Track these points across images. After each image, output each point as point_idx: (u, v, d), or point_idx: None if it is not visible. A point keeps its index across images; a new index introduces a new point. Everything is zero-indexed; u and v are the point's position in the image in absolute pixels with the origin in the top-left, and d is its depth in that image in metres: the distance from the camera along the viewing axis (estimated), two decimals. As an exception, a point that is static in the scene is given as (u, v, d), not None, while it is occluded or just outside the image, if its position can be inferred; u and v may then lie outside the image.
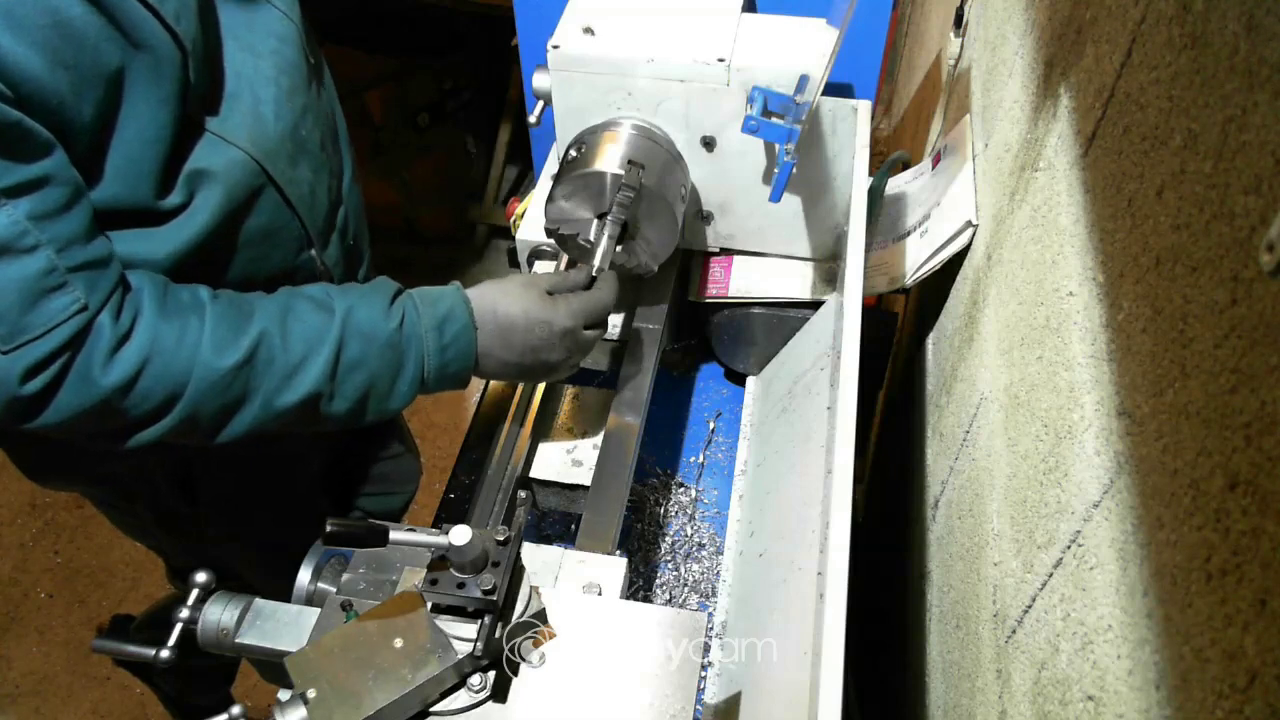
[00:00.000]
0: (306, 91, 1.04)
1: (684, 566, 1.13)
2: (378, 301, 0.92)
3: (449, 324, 0.93)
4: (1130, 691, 0.48)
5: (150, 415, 0.83)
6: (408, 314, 0.92)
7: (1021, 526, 0.70)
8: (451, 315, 0.93)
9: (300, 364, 0.87)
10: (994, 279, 0.89)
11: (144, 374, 0.80)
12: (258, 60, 0.96)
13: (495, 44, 2.85)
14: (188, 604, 0.80)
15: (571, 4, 1.12)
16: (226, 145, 0.91)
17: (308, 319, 0.88)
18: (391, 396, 0.93)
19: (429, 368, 0.93)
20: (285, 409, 0.88)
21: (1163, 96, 0.54)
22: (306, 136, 1.03)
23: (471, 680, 0.74)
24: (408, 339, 0.91)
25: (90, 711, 2.12)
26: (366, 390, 0.91)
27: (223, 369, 0.83)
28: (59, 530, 2.42)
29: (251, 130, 0.94)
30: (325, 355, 0.88)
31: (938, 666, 0.92)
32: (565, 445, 1.06)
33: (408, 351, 0.92)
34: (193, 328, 0.82)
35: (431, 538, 0.70)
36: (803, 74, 1.00)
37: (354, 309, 0.90)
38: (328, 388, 0.89)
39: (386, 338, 0.90)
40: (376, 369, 0.91)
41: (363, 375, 0.90)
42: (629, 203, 1.00)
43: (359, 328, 0.90)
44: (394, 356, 0.91)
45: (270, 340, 0.86)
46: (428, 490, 2.50)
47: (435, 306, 0.93)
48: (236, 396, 0.85)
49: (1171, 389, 0.47)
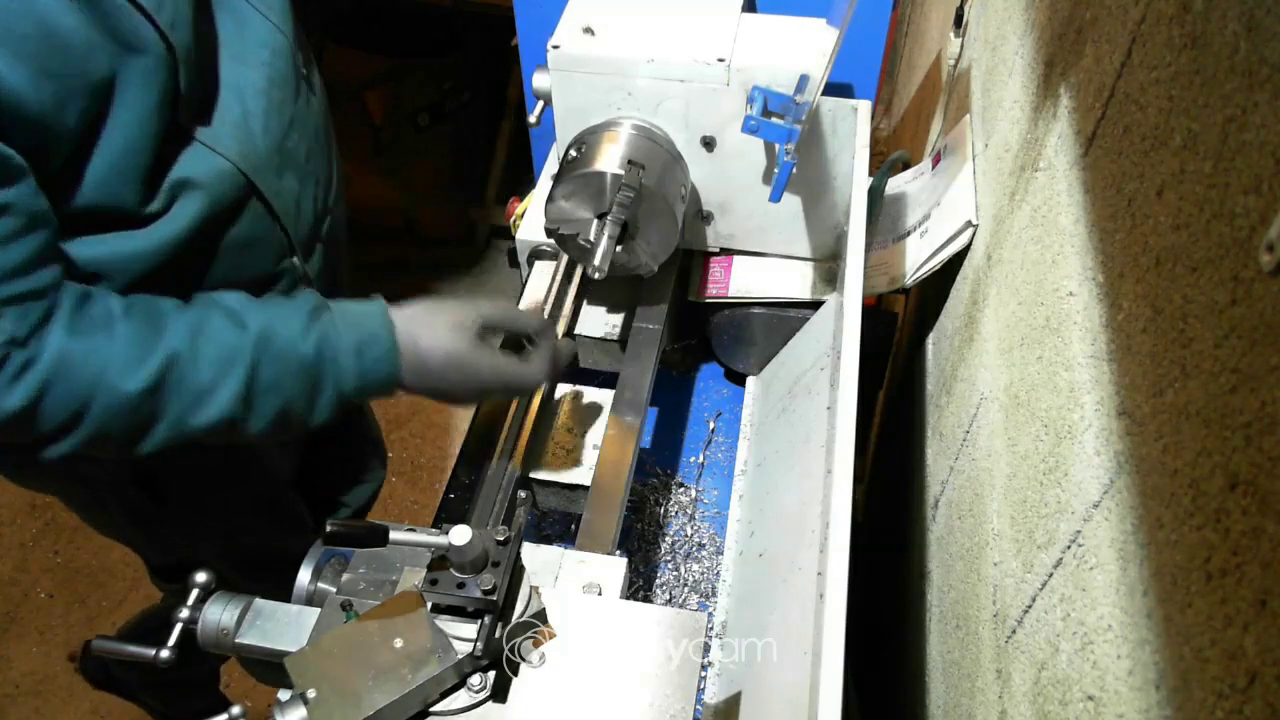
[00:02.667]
0: (295, 103, 1.03)
1: (684, 566, 1.13)
2: (295, 320, 0.88)
3: (370, 347, 0.89)
4: (1130, 691, 0.48)
5: (56, 432, 0.81)
6: (327, 335, 0.88)
7: (1021, 526, 0.70)
8: (373, 339, 0.90)
9: (211, 387, 0.84)
10: (994, 279, 0.89)
11: (47, 396, 0.78)
12: (249, 72, 0.96)
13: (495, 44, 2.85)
14: (188, 604, 0.80)
15: (571, 4, 1.12)
16: (214, 155, 0.90)
17: (221, 338, 0.85)
18: (311, 416, 0.90)
19: (348, 389, 0.90)
20: (198, 429, 0.85)
21: (1163, 96, 0.54)
22: (293, 148, 1.02)
23: (471, 680, 0.74)
24: (325, 362, 0.88)
25: (90, 712, 2.12)
26: (283, 411, 0.88)
27: (129, 393, 0.80)
28: (59, 530, 2.42)
29: (240, 142, 0.93)
30: (238, 378, 0.85)
31: (938, 666, 0.92)
32: (565, 445, 1.06)
33: (324, 375, 0.88)
34: (100, 349, 0.80)
35: (431, 538, 0.70)
36: (803, 74, 1.00)
37: (270, 328, 0.86)
38: (241, 411, 0.86)
39: (302, 362, 0.87)
40: (292, 393, 0.87)
41: (278, 398, 0.87)
42: (629, 203, 1.00)
43: (274, 350, 0.86)
44: (310, 380, 0.88)
45: (180, 362, 0.82)
46: (428, 490, 2.51)
47: (357, 328, 0.90)
48: (145, 418, 0.83)
49: (1171, 389, 0.47)
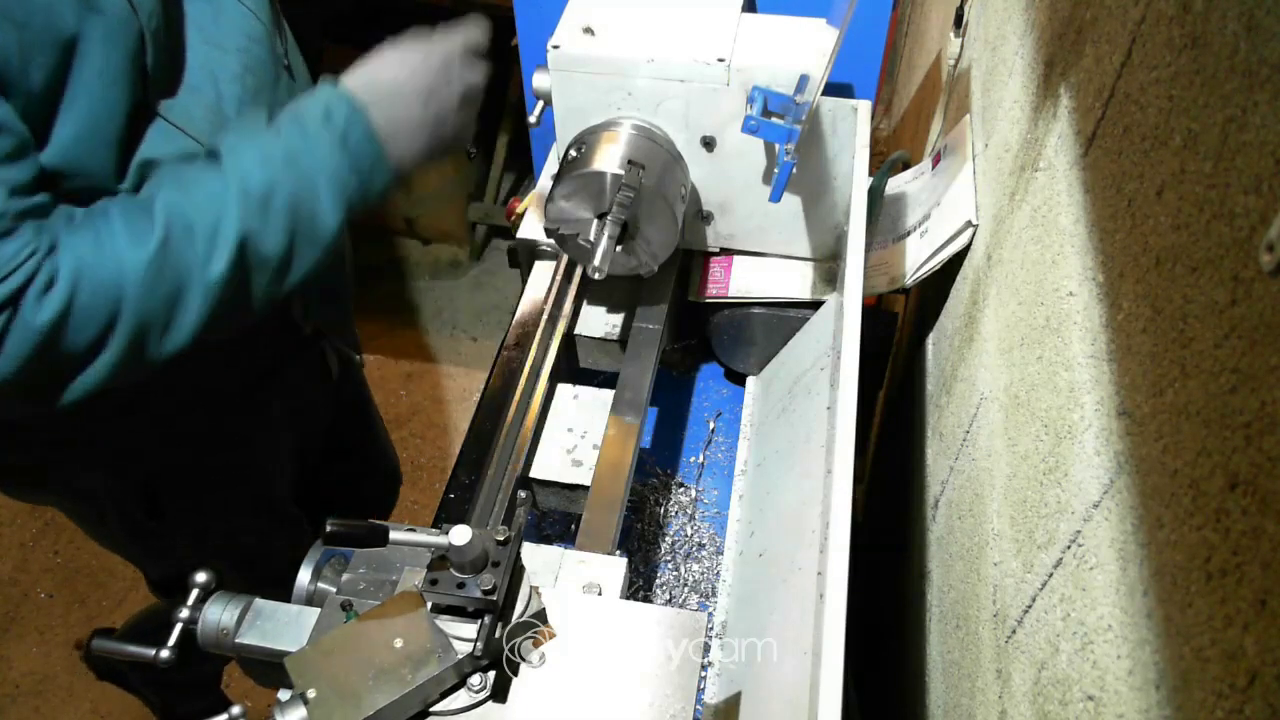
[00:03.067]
0: (273, 91, 1.03)
1: (684, 566, 1.13)
2: (257, 129, 0.89)
3: (334, 114, 0.90)
4: (1130, 691, 0.48)
5: (97, 341, 0.80)
6: (291, 124, 0.89)
7: (1021, 526, 0.70)
8: (332, 106, 0.91)
9: (217, 219, 0.84)
10: (994, 279, 0.89)
11: (77, 295, 0.77)
12: (224, 56, 0.96)
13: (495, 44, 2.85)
14: (187, 604, 0.80)
15: (571, 4, 1.12)
16: (185, 137, 0.90)
17: (203, 179, 0.86)
18: (319, 213, 0.90)
19: (339, 166, 0.90)
20: (223, 276, 0.84)
21: (1163, 96, 0.54)
22: None
23: (471, 680, 0.74)
24: (303, 144, 0.88)
25: (90, 711, 2.12)
26: (291, 216, 0.88)
27: (147, 258, 0.80)
28: (59, 530, 2.42)
29: (213, 125, 0.93)
30: (233, 197, 0.85)
31: (938, 666, 0.92)
32: (565, 445, 1.06)
33: (309, 157, 0.88)
34: (104, 231, 0.80)
35: (431, 538, 0.70)
36: (803, 74, 1.00)
37: (238, 146, 0.87)
38: (252, 225, 0.85)
39: (282, 154, 0.87)
40: (289, 187, 0.87)
41: (280, 200, 0.87)
42: (629, 203, 1.00)
43: (252, 158, 0.87)
44: (298, 169, 0.88)
45: (179, 209, 0.83)
46: (428, 490, 2.51)
47: (313, 106, 0.91)
48: (172, 283, 0.82)
49: (1171, 389, 0.47)
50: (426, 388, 2.78)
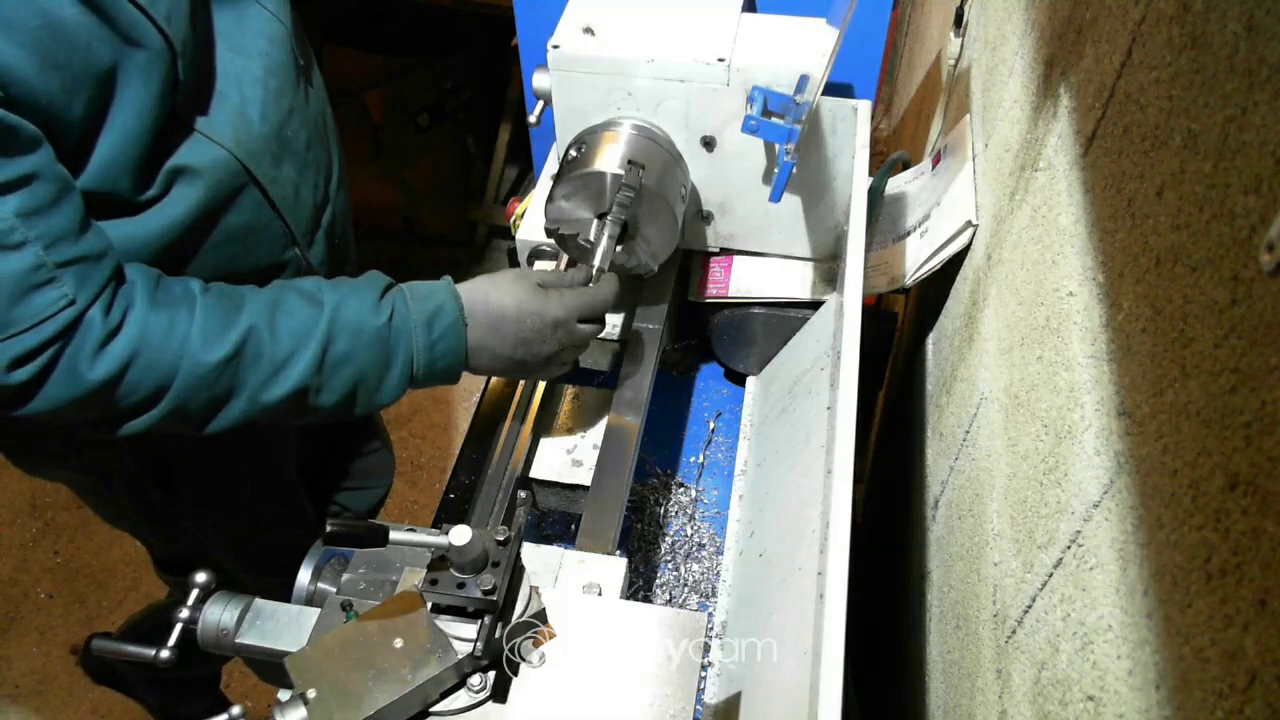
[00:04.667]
0: (294, 93, 1.04)
1: (684, 566, 1.13)
2: (368, 295, 0.92)
3: (439, 319, 0.93)
4: (1130, 691, 0.48)
5: (138, 406, 0.84)
6: (397, 309, 0.92)
7: (1021, 526, 0.70)
8: (441, 310, 0.94)
9: (288, 359, 0.88)
10: (994, 279, 0.89)
11: (132, 367, 0.81)
12: (246, 61, 0.97)
13: (495, 44, 2.85)
14: (188, 604, 0.80)
15: (571, 4, 1.12)
16: (211, 143, 0.92)
17: (297, 313, 0.89)
18: (380, 391, 0.94)
19: (418, 363, 0.94)
20: (273, 403, 0.89)
21: (1163, 96, 0.54)
22: (292, 137, 1.03)
23: (471, 680, 0.74)
24: (397, 334, 0.92)
25: (90, 712, 2.12)
26: (355, 385, 0.92)
27: (210, 363, 0.84)
28: (59, 530, 2.42)
29: (236, 130, 0.94)
30: (313, 350, 0.88)
31: (938, 666, 0.92)
32: (565, 445, 1.06)
33: (396, 347, 0.92)
34: (182, 321, 0.83)
35: (431, 538, 0.70)
36: (803, 74, 1.00)
37: (343, 303, 0.91)
38: (315, 381, 0.89)
39: (375, 332, 0.91)
40: (365, 364, 0.91)
41: (351, 370, 0.91)
42: (629, 203, 1.00)
43: (348, 322, 0.90)
44: (382, 351, 0.91)
45: (258, 334, 0.86)
46: (428, 490, 2.51)
47: (425, 301, 0.94)
48: (224, 390, 0.86)
49: (1171, 389, 0.47)
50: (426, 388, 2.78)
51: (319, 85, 1.15)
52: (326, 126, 1.15)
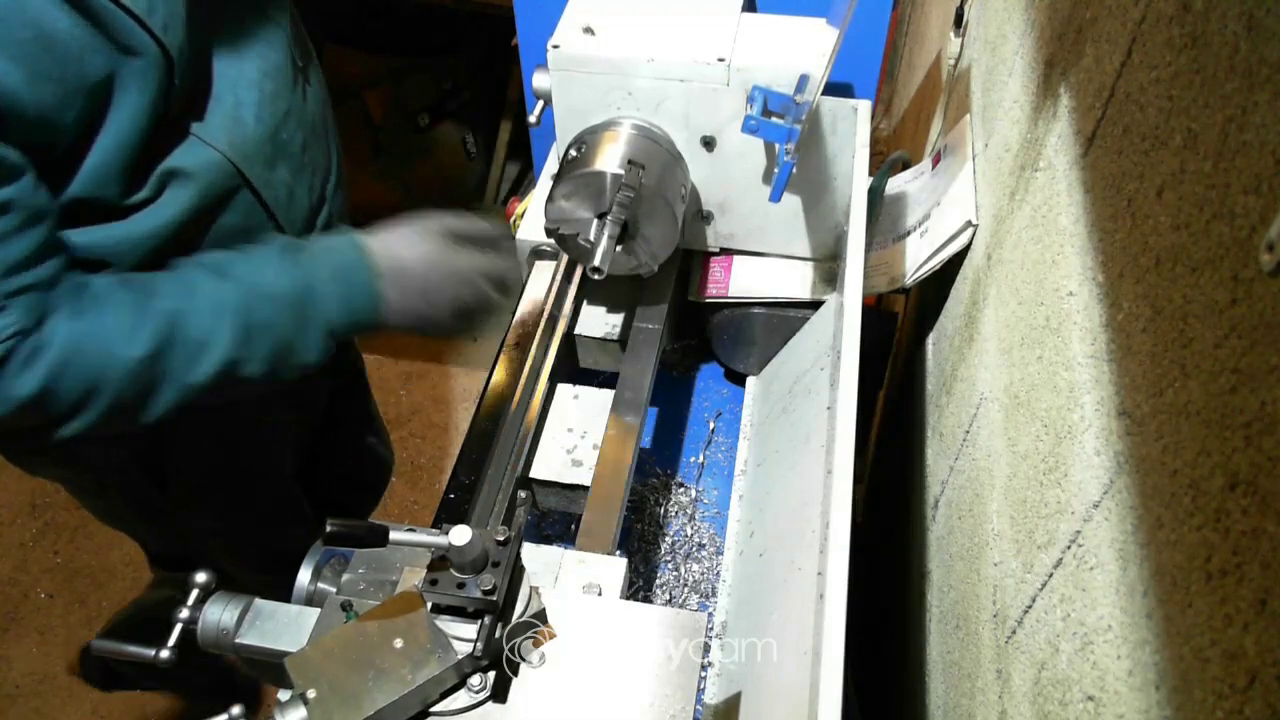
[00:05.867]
0: (290, 95, 1.04)
1: (684, 566, 1.13)
2: (274, 259, 0.93)
3: (350, 273, 0.94)
4: (1130, 691, 0.48)
5: (71, 411, 0.85)
6: (305, 267, 0.93)
7: (1021, 526, 0.70)
8: (352, 264, 0.94)
9: (208, 337, 0.88)
10: (994, 279, 0.89)
11: (60, 378, 0.82)
12: (242, 64, 0.97)
13: (495, 44, 2.85)
14: (188, 604, 0.80)
15: (571, 4, 1.12)
16: (205, 146, 0.92)
17: (210, 291, 0.89)
18: (302, 351, 0.94)
19: (335, 317, 0.94)
20: (202, 382, 0.89)
21: (1163, 96, 0.54)
22: (287, 140, 1.03)
23: (471, 680, 0.74)
24: (310, 292, 0.92)
25: (90, 712, 2.12)
26: (278, 350, 0.92)
27: (134, 358, 0.84)
28: (59, 530, 2.42)
29: (230, 132, 0.94)
30: (231, 323, 0.89)
31: (938, 666, 0.92)
32: (565, 445, 1.05)
33: (311, 305, 0.93)
34: (101, 322, 0.83)
35: (431, 538, 0.70)
36: (803, 74, 1.00)
37: (253, 272, 0.91)
38: (239, 354, 0.90)
39: (289, 295, 0.91)
40: (284, 328, 0.92)
41: (272, 336, 0.91)
42: (629, 203, 1.00)
43: (261, 289, 0.90)
44: (299, 312, 0.92)
45: (176, 320, 0.86)
46: (428, 490, 2.51)
47: (333, 256, 0.95)
48: (152, 380, 0.86)
49: (1171, 389, 0.47)
50: (426, 388, 2.78)
51: (319, 85, 1.15)
52: (326, 127, 1.15)
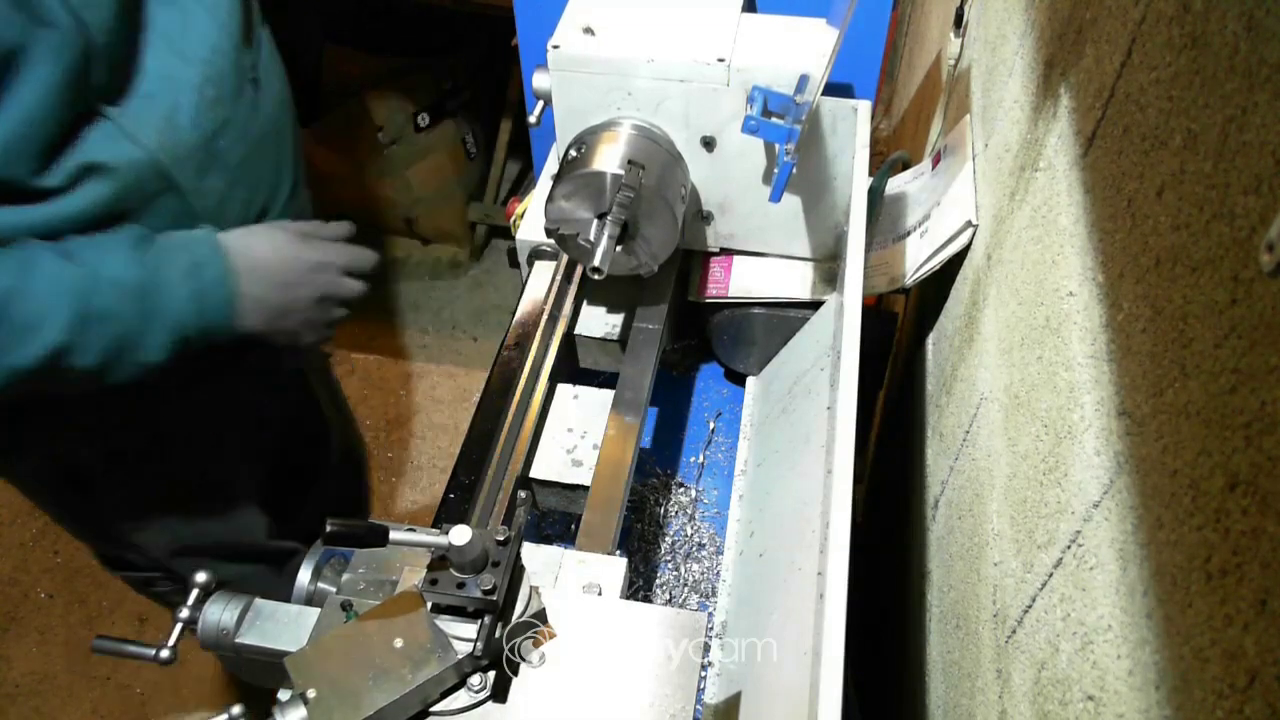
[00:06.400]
0: (232, 105, 1.02)
1: (684, 566, 1.13)
2: (121, 248, 0.88)
3: (204, 269, 0.91)
4: (1130, 691, 0.48)
5: None
6: (156, 259, 0.89)
7: (1021, 526, 0.70)
8: (205, 261, 0.92)
9: (39, 319, 0.84)
10: (994, 279, 0.89)
11: None
12: (185, 66, 0.95)
13: (495, 44, 2.85)
14: (188, 604, 0.80)
15: (571, 4, 1.12)
16: (132, 144, 0.89)
17: (49, 270, 0.85)
18: (146, 348, 0.90)
19: (184, 316, 0.91)
20: (26, 366, 0.84)
21: (1163, 96, 0.54)
22: (224, 150, 1.01)
23: (471, 680, 0.74)
24: (158, 286, 0.88)
25: (90, 712, 2.12)
26: (116, 343, 0.88)
27: None
28: (59, 530, 2.39)
29: (163, 134, 0.92)
30: (68, 306, 0.84)
31: (938, 666, 0.92)
32: (565, 445, 1.05)
33: (158, 300, 0.89)
34: None
35: (431, 538, 0.70)
36: (803, 74, 1.00)
37: (99, 258, 0.87)
38: (70, 340, 0.85)
39: (135, 286, 0.87)
40: (126, 320, 0.88)
41: (111, 327, 0.87)
42: (629, 203, 1.00)
43: (106, 276, 0.86)
44: (144, 305, 0.88)
45: (7, 297, 0.82)
46: (428, 490, 2.51)
47: (187, 252, 0.91)
48: None
49: (1171, 389, 0.47)
50: (426, 388, 2.78)
51: (276, 102, 1.12)
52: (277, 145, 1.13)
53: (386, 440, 2.63)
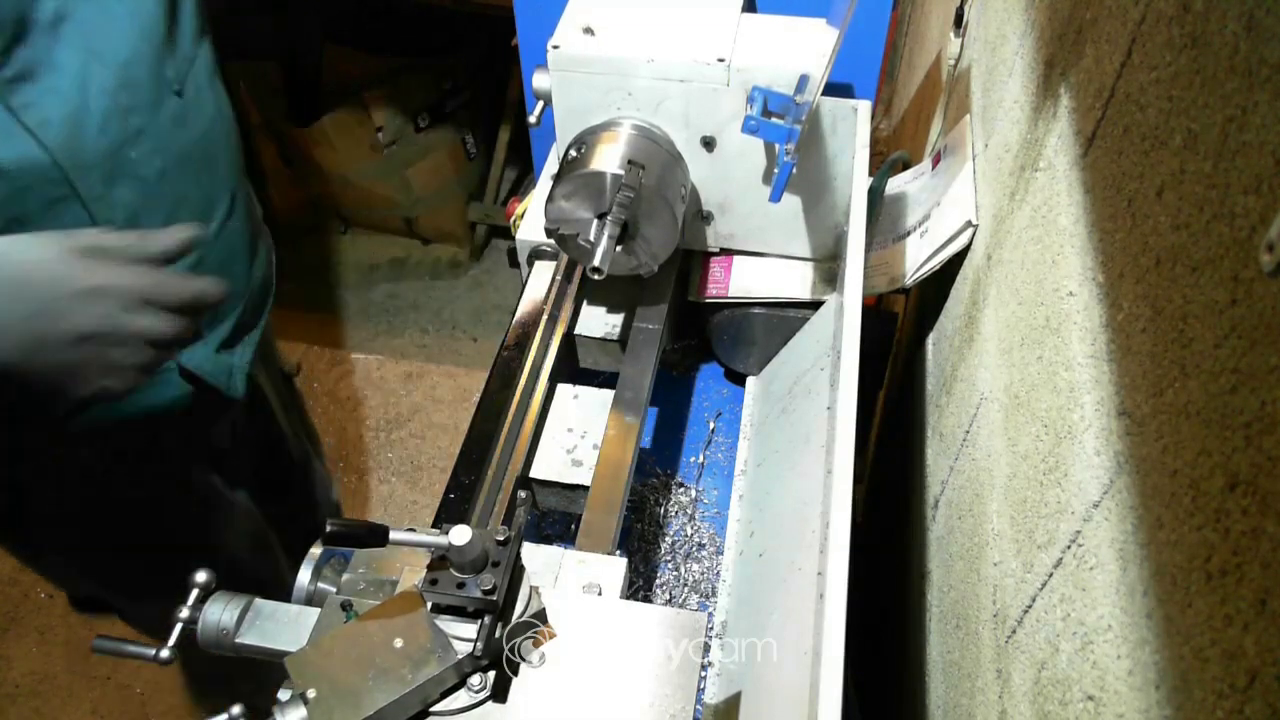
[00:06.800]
0: (149, 115, 0.98)
1: (684, 566, 1.13)
2: None
3: None
4: (1130, 691, 0.48)
5: None
6: None
7: (1021, 526, 0.70)
8: None
9: None
10: (994, 279, 0.89)
11: None
12: (102, 69, 0.92)
13: (495, 44, 2.85)
14: (188, 604, 0.80)
15: (571, 4, 1.12)
16: (30, 139, 0.85)
17: None
18: None
19: None
20: None
21: (1163, 96, 0.54)
22: (137, 161, 0.96)
23: (471, 680, 0.74)
24: None
25: (90, 712, 2.12)
26: None
27: None
28: (59, 530, 2.42)
29: (68, 136, 0.88)
30: None
31: (938, 666, 0.92)
32: (565, 445, 1.05)
33: None
34: None
35: (431, 538, 0.70)
36: (803, 74, 1.00)
37: None
38: None
39: None
40: None
41: None
42: (629, 203, 1.00)
43: None
44: None
45: None
46: (428, 490, 2.51)
47: None
48: None
49: (1171, 389, 0.47)
50: (426, 388, 2.78)
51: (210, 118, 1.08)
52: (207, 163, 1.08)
53: (386, 440, 2.64)
